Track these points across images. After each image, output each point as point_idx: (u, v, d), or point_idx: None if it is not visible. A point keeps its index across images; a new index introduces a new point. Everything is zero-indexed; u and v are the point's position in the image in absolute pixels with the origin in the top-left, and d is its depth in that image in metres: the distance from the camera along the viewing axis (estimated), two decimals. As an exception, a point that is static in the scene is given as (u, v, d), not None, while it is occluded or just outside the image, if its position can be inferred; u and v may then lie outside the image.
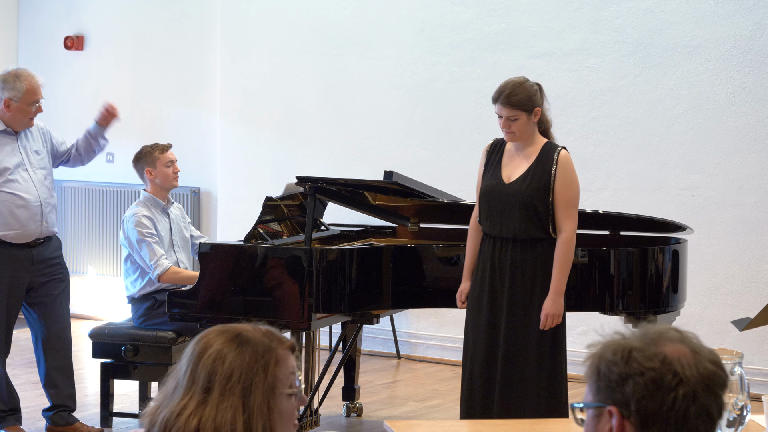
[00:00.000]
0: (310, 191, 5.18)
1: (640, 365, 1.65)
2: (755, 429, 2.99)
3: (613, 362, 1.67)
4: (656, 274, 5.19)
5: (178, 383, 1.98)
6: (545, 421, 3.56)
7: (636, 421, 1.65)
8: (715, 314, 6.79)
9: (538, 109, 4.68)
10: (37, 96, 5.36)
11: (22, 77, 5.34)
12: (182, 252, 5.82)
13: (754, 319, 3.55)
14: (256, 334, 1.99)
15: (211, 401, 1.93)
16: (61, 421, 5.46)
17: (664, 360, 1.65)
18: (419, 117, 7.72)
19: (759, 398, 3.00)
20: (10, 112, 5.31)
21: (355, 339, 5.95)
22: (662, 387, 1.64)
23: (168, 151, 5.81)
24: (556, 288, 4.59)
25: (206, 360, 1.95)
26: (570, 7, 7.20)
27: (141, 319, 5.67)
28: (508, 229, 4.65)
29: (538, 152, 4.68)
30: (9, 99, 5.29)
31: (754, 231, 6.72)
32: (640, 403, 1.64)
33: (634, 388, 1.64)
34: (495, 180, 4.72)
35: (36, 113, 5.38)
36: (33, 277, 5.37)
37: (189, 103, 8.62)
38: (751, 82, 6.70)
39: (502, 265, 4.67)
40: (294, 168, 7.33)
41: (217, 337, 1.99)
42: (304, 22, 8.09)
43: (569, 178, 4.63)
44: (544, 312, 4.59)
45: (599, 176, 7.13)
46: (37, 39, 9.25)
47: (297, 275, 4.96)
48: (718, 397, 1.66)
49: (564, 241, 4.59)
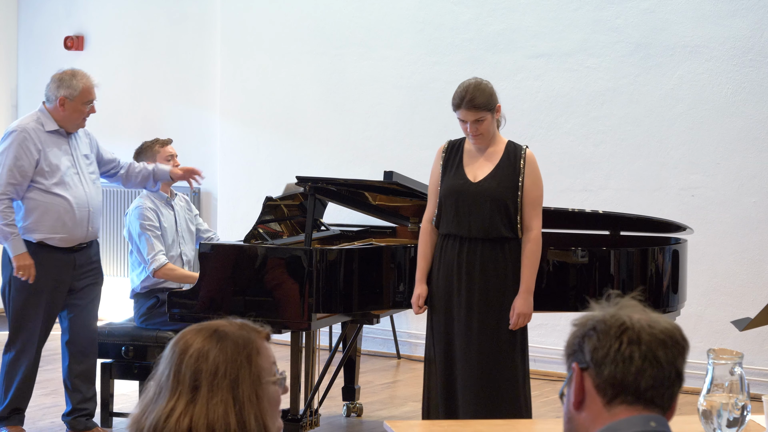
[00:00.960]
0: (310, 191, 5.18)
1: (593, 324, 1.82)
2: (755, 429, 2.99)
3: (574, 333, 1.85)
4: (656, 274, 5.19)
5: (161, 387, 1.97)
6: (545, 421, 3.56)
7: (592, 370, 1.80)
8: (715, 314, 6.79)
9: (499, 106, 4.67)
10: (92, 96, 5.36)
11: (78, 76, 5.34)
12: (187, 245, 5.83)
13: (754, 319, 3.55)
14: (232, 328, 2.00)
15: (200, 399, 1.93)
16: (80, 426, 5.44)
17: (615, 315, 1.82)
18: (419, 117, 7.72)
19: (759, 398, 3.00)
20: (65, 111, 5.30)
21: (355, 339, 5.94)
22: (609, 335, 1.80)
23: (168, 146, 5.83)
24: (526, 286, 4.58)
25: (189, 360, 1.95)
26: (570, 7, 7.20)
27: (142, 318, 5.67)
28: (477, 228, 4.61)
29: (503, 151, 4.67)
30: (64, 97, 5.28)
31: (754, 231, 6.72)
32: (593, 352, 1.80)
33: (588, 342, 1.81)
34: (460, 179, 4.68)
35: (89, 113, 5.38)
36: (72, 281, 5.36)
37: (189, 103, 8.62)
38: (751, 82, 6.70)
39: (470, 264, 4.62)
40: (294, 168, 7.34)
41: (195, 336, 1.99)
42: (304, 22, 8.09)
43: (537, 176, 4.64)
44: (516, 311, 4.56)
45: (599, 176, 7.13)
46: (37, 39, 9.25)
47: (297, 275, 4.96)
48: (667, 347, 1.79)
49: (533, 240, 4.59)
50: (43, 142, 5.26)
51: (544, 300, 4.90)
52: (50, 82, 5.36)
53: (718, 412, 2.65)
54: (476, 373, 4.60)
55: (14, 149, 5.20)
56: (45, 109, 5.34)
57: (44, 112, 5.33)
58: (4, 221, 5.14)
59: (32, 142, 5.24)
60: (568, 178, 7.17)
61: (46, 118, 5.32)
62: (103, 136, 5.67)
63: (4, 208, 5.15)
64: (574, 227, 5.64)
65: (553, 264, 5.02)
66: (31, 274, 5.19)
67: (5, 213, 5.15)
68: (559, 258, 5.04)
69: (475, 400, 4.60)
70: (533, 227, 4.60)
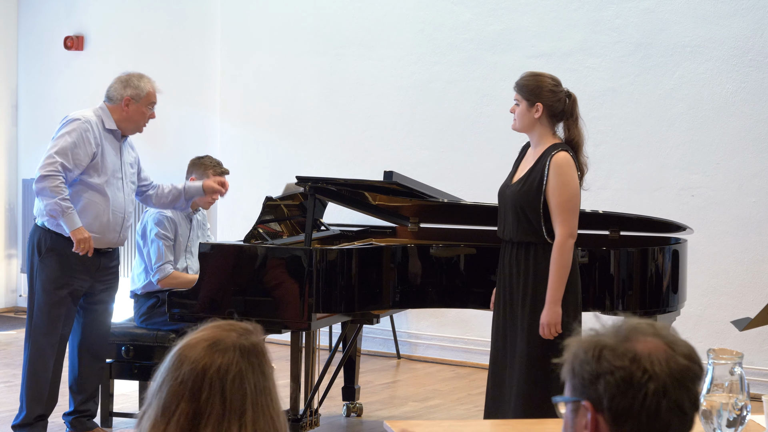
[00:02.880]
0: (310, 191, 5.18)
1: (610, 364, 1.68)
2: (755, 429, 2.99)
3: (585, 361, 1.71)
4: (656, 274, 5.18)
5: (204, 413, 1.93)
6: (545, 421, 3.55)
7: (609, 417, 1.68)
8: (715, 314, 6.79)
9: (540, 105, 4.49)
10: (155, 99, 5.41)
11: (146, 79, 5.40)
12: (194, 259, 5.82)
13: (754, 319, 3.54)
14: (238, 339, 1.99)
15: (248, 421, 1.93)
16: (81, 426, 5.43)
17: (634, 357, 1.67)
18: (419, 117, 7.72)
19: (759, 398, 2.99)
20: (128, 112, 5.32)
21: (355, 339, 5.95)
22: (632, 384, 1.66)
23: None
24: (550, 297, 4.43)
25: (230, 384, 1.94)
26: (570, 7, 7.20)
27: (143, 317, 5.67)
28: (507, 231, 4.58)
29: (539, 154, 4.54)
30: (130, 98, 5.31)
31: (754, 231, 6.72)
32: (612, 400, 1.67)
33: (606, 387, 1.67)
34: (506, 181, 4.65)
35: (149, 119, 5.40)
36: (93, 282, 5.34)
37: (189, 103, 8.62)
38: (751, 82, 6.70)
39: (504, 267, 4.61)
40: (294, 168, 7.34)
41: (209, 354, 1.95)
42: (304, 22, 8.09)
43: (562, 182, 4.44)
44: (541, 321, 4.46)
45: (599, 176, 7.13)
46: (37, 39, 9.25)
47: (297, 275, 4.96)
48: (690, 391, 1.68)
49: (556, 247, 4.43)
50: (102, 138, 5.27)
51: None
52: (115, 83, 5.37)
53: (718, 412, 2.65)
54: (493, 377, 4.59)
55: (74, 136, 5.18)
56: (106, 107, 5.34)
57: (105, 110, 5.34)
58: (59, 196, 5.10)
59: (93, 134, 5.23)
60: (568, 178, 7.16)
61: (107, 116, 5.33)
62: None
63: (59, 183, 5.11)
64: (574, 227, 5.63)
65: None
66: (90, 246, 5.15)
67: (60, 188, 5.11)
68: (559, 258, 5.04)
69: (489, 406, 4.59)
70: (557, 233, 4.44)
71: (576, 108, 4.56)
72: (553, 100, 4.51)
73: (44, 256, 5.24)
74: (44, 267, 5.24)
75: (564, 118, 4.56)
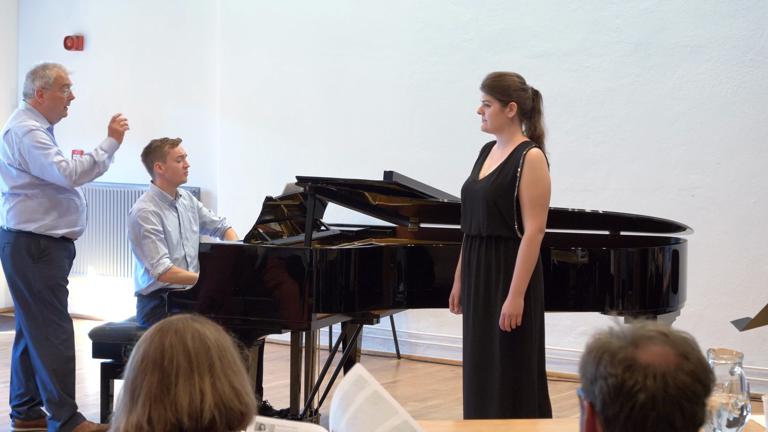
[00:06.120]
0: (310, 191, 5.18)
1: (605, 369, 1.68)
2: (755, 429, 2.99)
3: (588, 362, 1.71)
4: (656, 274, 5.19)
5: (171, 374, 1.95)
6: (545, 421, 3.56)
7: (602, 420, 1.69)
8: (715, 314, 6.79)
9: (514, 105, 4.56)
10: (67, 81, 5.51)
11: (49, 66, 5.51)
12: (191, 245, 5.82)
13: (754, 319, 3.55)
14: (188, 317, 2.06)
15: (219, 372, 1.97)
16: (34, 415, 5.61)
17: (630, 366, 1.66)
18: (419, 117, 7.72)
19: (759, 398, 3.00)
20: (44, 102, 5.44)
21: (355, 339, 5.94)
22: (622, 393, 1.66)
23: (178, 146, 5.82)
24: (514, 288, 4.49)
25: (191, 341, 1.98)
26: (570, 7, 7.20)
27: (145, 318, 5.67)
28: (475, 226, 4.62)
29: (511, 151, 4.60)
30: (41, 88, 5.42)
31: (754, 231, 6.72)
32: (603, 404, 1.68)
33: (600, 391, 1.68)
34: (472, 177, 4.72)
35: (69, 100, 5.54)
36: None
37: (189, 103, 8.62)
38: (751, 82, 6.70)
39: (471, 263, 4.64)
40: (294, 168, 7.34)
41: (163, 327, 2.05)
42: (304, 22, 8.09)
43: (537, 177, 4.52)
44: (502, 311, 4.51)
45: (599, 176, 7.14)
46: (37, 39, 9.25)
47: (297, 275, 4.96)
48: (684, 409, 1.65)
49: (525, 240, 4.50)
50: (52, 136, 5.48)
51: (544, 300, 4.89)
52: (25, 80, 5.53)
53: (718, 412, 2.65)
54: (466, 374, 4.61)
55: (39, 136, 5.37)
56: (29, 106, 5.47)
57: (31, 109, 5.47)
58: (87, 159, 5.43)
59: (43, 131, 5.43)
60: (568, 178, 7.17)
61: (36, 115, 5.46)
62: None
63: (69, 160, 5.40)
64: (574, 227, 5.64)
65: (553, 264, 5.03)
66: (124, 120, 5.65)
67: (73, 164, 5.39)
68: (559, 258, 5.05)
69: (468, 402, 4.61)
70: (528, 228, 4.52)
71: (541, 103, 4.67)
72: (524, 98, 4.61)
73: (39, 260, 5.42)
74: (43, 268, 5.36)
75: (531, 115, 4.64)
